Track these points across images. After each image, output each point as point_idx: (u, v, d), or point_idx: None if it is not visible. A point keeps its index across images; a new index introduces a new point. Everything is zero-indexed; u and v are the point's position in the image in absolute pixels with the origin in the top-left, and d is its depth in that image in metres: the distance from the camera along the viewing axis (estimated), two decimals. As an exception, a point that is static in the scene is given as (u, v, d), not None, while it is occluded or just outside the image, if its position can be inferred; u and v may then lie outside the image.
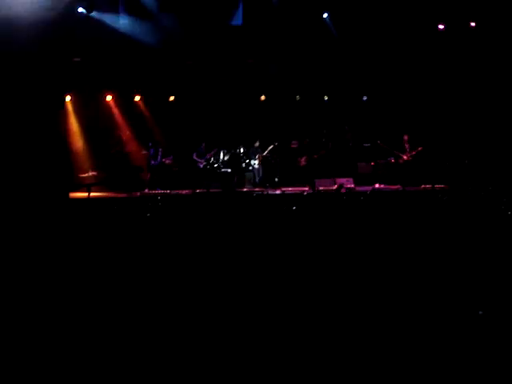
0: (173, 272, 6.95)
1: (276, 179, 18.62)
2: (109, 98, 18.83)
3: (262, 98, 19.52)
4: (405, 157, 18.00)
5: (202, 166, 18.22)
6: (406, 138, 18.14)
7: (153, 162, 17.81)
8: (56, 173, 16.20)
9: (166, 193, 17.16)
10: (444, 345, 4.63)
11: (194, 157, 18.33)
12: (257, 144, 18.63)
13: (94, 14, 17.14)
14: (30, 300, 5.90)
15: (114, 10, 17.60)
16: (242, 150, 18.45)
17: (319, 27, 18.55)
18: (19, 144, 15.82)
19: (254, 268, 7.07)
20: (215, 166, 18.18)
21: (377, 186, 17.66)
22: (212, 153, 18.26)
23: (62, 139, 17.24)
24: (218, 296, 5.97)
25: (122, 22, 17.56)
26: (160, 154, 17.96)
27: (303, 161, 18.65)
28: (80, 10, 16.89)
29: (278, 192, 17.28)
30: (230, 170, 18.09)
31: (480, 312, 5.17)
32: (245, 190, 17.73)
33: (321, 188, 17.33)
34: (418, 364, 4.35)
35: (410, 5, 17.69)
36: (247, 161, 18.37)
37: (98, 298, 5.98)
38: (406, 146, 18.12)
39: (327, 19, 18.44)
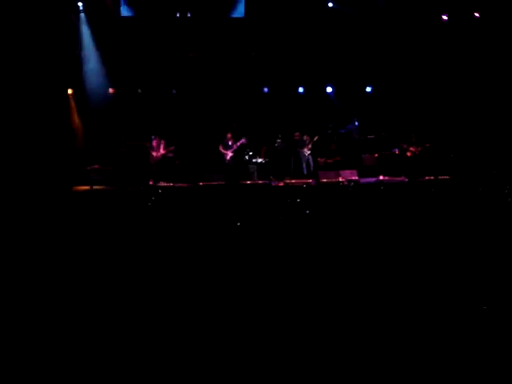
0: (173, 266, 6.94)
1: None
2: (111, 90, 18.80)
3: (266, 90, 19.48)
4: (412, 148, 17.92)
5: (228, 157, 17.99)
6: (413, 135, 18.09)
7: (154, 154, 17.73)
8: (59, 165, 16.23)
9: (170, 185, 17.16)
10: (445, 342, 4.60)
11: (220, 149, 18.03)
12: (305, 137, 18.50)
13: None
14: (31, 294, 5.92)
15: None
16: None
17: (324, 17, 18.55)
18: (23, 137, 15.86)
19: (255, 261, 7.07)
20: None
21: (381, 177, 17.59)
22: (238, 144, 17.95)
23: (65, 132, 17.28)
24: (219, 290, 5.96)
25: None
26: (162, 145, 17.87)
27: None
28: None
29: (281, 184, 17.27)
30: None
31: (484, 307, 5.16)
32: (248, 182, 17.68)
33: (324, 180, 17.33)
34: (419, 363, 4.31)
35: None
36: (251, 153, 18.29)
37: (100, 292, 5.99)
38: (414, 141, 18.04)
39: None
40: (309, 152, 18.42)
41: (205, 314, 5.29)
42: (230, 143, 17.94)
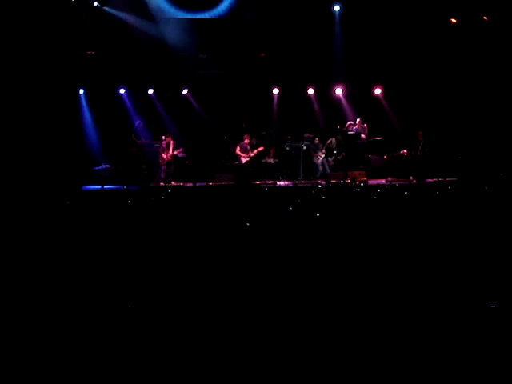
0: (178, 266, 6.94)
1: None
2: (122, 91, 18.91)
3: (275, 91, 19.51)
4: (419, 152, 17.92)
5: (244, 160, 18.11)
6: (420, 133, 18.08)
7: (164, 156, 17.87)
8: (68, 165, 16.37)
9: (180, 185, 17.26)
10: (446, 343, 4.57)
11: (237, 151, 18.18)
12: (317, 140, 18.57)
13: (107, 8, 17.33)
14: (38, 291, 5.92)
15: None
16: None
17: (331, 20, 18.59)
18: (34, 137, 16.01)
19: (259, 263, 7.06)
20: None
21: (389, 179, 17.59)
22: (256, 152, 18.08)
23: (75, 132, 17.43)
24: (220, 292, 5.92)
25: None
26: (172, 146, 17.97)
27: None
28: (95, 4, 17.11)
29: (290, 184, 17.30)
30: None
31: (492, 306, 5.13)
32: (257, 182, 17.73)
33: (333, 181, 17.35)
34: (418, 364, 4.29)
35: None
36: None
37: (107, 290, 5.99)
38: (421, 141, 18.03)
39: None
40: (323, 156, 18.43)
41: (210, 313, 5.28)
42: (247, 147, 18.08)
